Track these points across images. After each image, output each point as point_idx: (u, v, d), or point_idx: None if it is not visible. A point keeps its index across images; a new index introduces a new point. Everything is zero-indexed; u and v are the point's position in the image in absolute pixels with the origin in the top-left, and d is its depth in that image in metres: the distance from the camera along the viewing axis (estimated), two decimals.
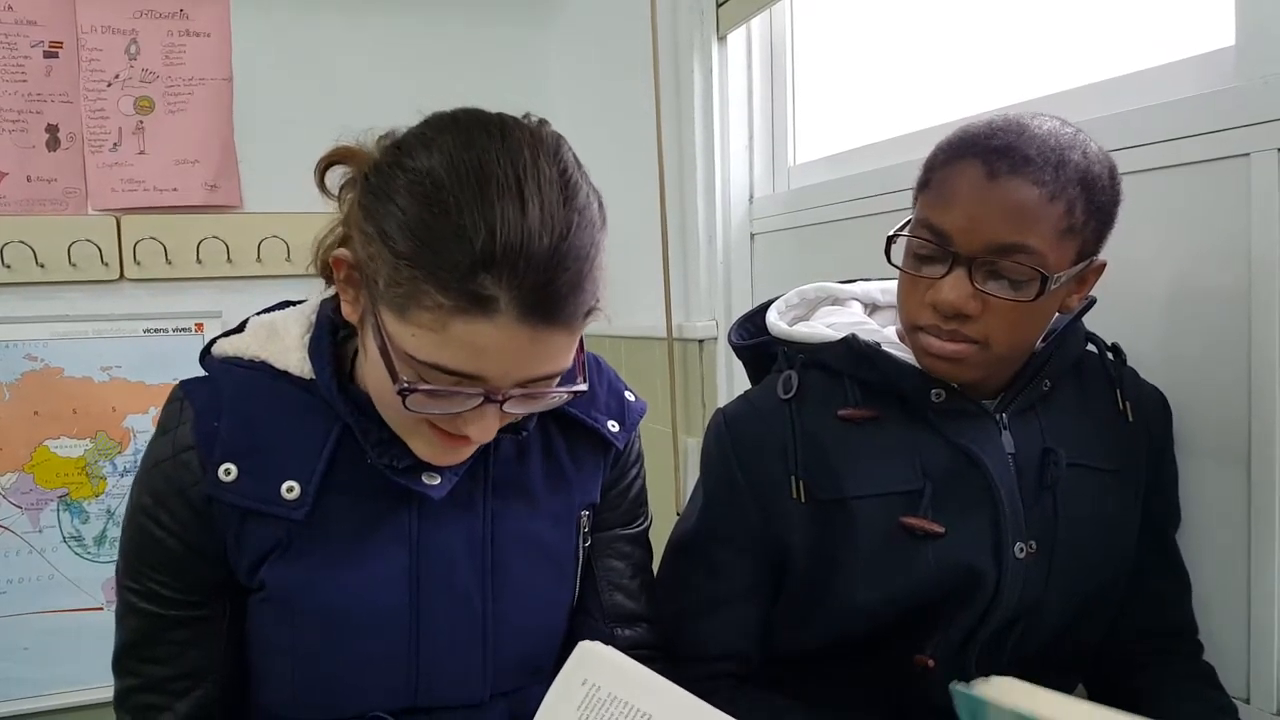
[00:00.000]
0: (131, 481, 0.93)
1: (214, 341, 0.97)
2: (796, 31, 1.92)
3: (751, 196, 1.99)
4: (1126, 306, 1.11)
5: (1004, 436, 1.00)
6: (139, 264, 2.37)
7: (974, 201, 0.90)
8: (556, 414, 0.98)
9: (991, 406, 1.01)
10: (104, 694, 0.96)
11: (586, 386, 0.87)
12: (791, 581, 1.06)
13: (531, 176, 0.75)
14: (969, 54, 1.52)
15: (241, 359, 0.93)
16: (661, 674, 0.85)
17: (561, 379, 0.84)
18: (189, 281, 2.42)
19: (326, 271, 0.92)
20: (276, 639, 0.91)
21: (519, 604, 0.96)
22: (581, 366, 0.86)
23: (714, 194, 1.99)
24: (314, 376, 0.91)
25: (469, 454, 0.89)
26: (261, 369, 0.92)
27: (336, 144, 0.87)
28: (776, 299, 1.16)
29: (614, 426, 1.02)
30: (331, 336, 0.93)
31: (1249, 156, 0.98)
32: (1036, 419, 1.02)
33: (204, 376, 0.94)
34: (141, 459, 0.92)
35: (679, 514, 1.18)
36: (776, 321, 1.12)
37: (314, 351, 0.91)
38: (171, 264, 2.39)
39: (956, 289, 0.91)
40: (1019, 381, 1.01)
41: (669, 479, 2.12)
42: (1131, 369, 1.07)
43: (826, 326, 1.08)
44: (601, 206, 0.82)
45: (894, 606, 0.99)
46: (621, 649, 0.87)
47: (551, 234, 0.74)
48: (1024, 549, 0.97)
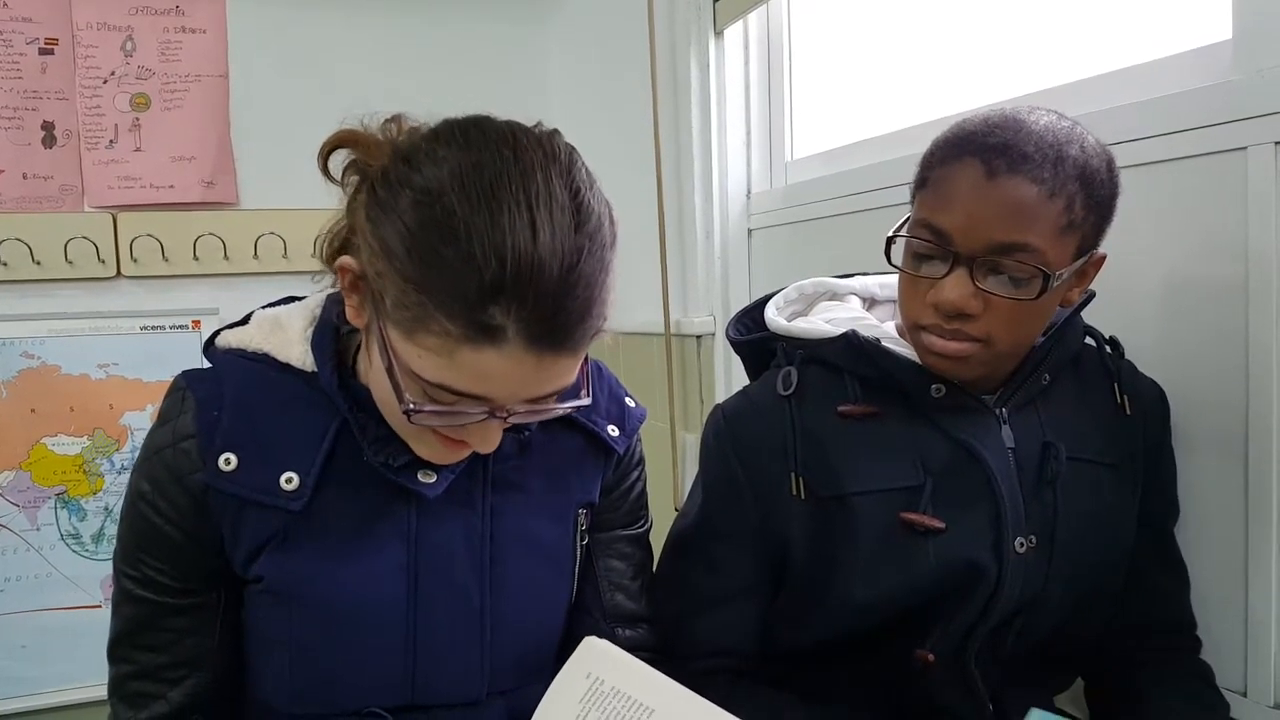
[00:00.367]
0: (130, 474, 0.93)
1: (218, 333, 0.97)
2: (793, 26, 1.92)
3: (749, 192, 1.99)
4: (1124, 300, 1.11)
5: (1004, 431, 1.00)
6: (136, 261, 2.36)
7: (973, 201, 0.90)
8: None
9: (991, 401, 1.01)
10: (102, 691, 0.95)
11: (590, 400, 0.86)
12: (791, 578, 1.06)
13: (544, 203, 0.74)
14: (966, 49, 1.52)
15: (245, 351, 0.94)
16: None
17: (565, 393, 0.83)
18: (186, 279, 2.41)
19: (331, 264, 0.92)
20: (273, 631, 0.91)
21: (517, 601, 0.96)
22: (585, 379, 0.85)
23: (711, 190, 1.99)
24: (316, 370, 0.91)
25: (468, 453, 0.89)
26: (264, 361, 0.93)
27: (341, 127, 0.86)
28: (774, 294, 1.16)
29: (614, 431, 1.02)
30: (334, 331, 0.93)
31: (1246, 150, 0.98)
32: (1036, 413, 1.02)
33: (206, 368, 0.94)
34: (141, 447, 0.92)
35: (677, 510, 1.18)
36: (775, 317, 1.12)
37: (316, 345, 0.91)
38: (168, 261, 2.39)
39: (958, 289, 0.91)
40: (1018, 376, 1.01)
41: (667, 475, 2.12)
42: (1129, 363, 1.07)
43: (825, 322, 1.08)
44: (613, 223, 0.81)
45: (894, 602, 0.99)
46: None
47: (561, 263, 0.73)
48: (1024, 544, 0.97)
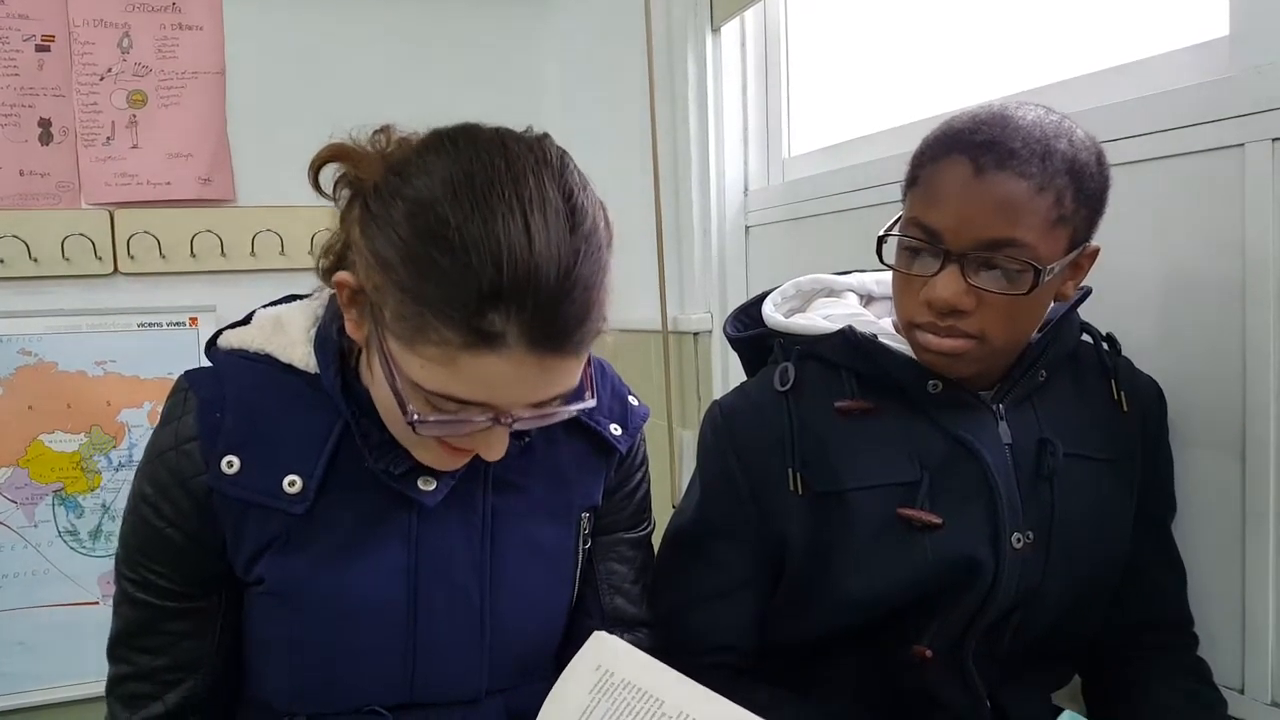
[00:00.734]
0: (130, 475, 0.93)
1: (220, 333, 0.97)
2: (791, 23, 1.92)
3: (746, 189, 1.99)
4: (1121, 297, 1.11)
5: (1001, 427, 1.00)
6: (133, 258, 2.36)
7: (962, 198, 0.90)
8: None
9: (988, 397, 1.01)
10: (99, 688, 0.95)
11: (595, 402, 0.86)
12: (789, 573, 1.06)
13: (537, 206, 0.74)
14: (963, 45, 1.52)
15: (247, 351, 0.93)
16: None
17: (570, 396, 0.83)
18: (183, 275, 2.40)
19: (329, 278, 0.91)
20: (274, 632, 0.91)
21: (516, 602, 0.96)
22: (589, 380, 0.85)
23: (708, 186, 1.99)
24: (318, 371, 0.91)
25: (469, 459, 0.89)
26: (266, 362, 0.92)
27: (330, 142, 0.86)
28: (772, 291, 1.16)
29: (616, 430, 1.02)
30: (337, 332, 0.92)
31: (1243, 147, 0.98)
32: (1033, 409, 1.02)
33: (208, 368, 0.94)
34: (145, 449, 0.92)
35: (674, 507, 1.18)
36: (772, 313, 1.12)
37: (319, 347, 0.91)
38: (165, 258, 2.38)
39: (950, 286, 0.91)
40: (1015, 372, 1.01)
41: (664, 472, 2.12)
42: (1126, 359, 1.07)
43: (823, 318, 1.08)
44: (608, 223, 0.81)
45: (891, 598, 0.99)
46: None
47: (558, 266, 0.73)
48: (1021, 539, 0.98)
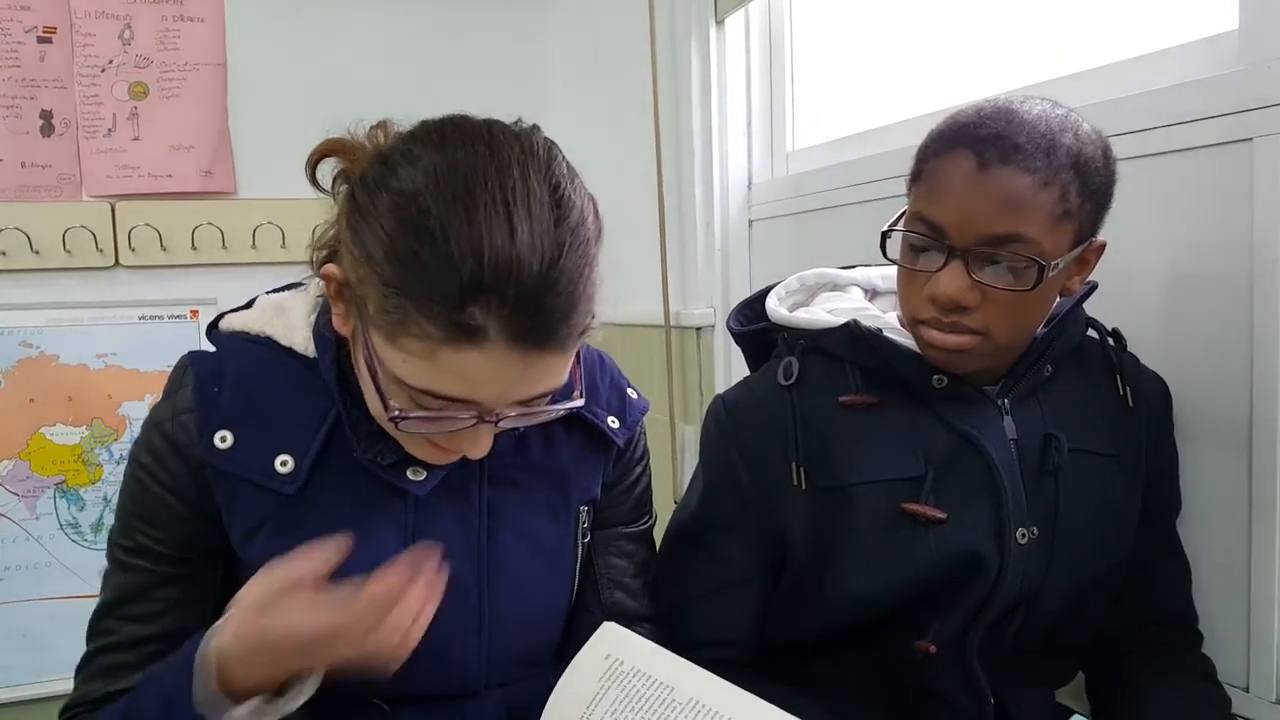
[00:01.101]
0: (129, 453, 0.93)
1: (222, 316, 0.97)
2: (795, 15, 1.91)
3: (750, 182, 1.98)
4: (1127, 292, 1.10)
5: (1006, 422, 1.00)
6: (134, 251, 2.36)
7: (966, 193, 0.89)
8: None
9: (993, 392, 1.00)
10: None
11: (583, 401, 0.85)
12: (792, 568, 1.05)
13: (521, 198, 0.72)
14: (969, 38, 1.51)
15: (248, 333, 0.94)
16: None
17: (557, 394, 0.82)
18: (184, 268, 2.40)
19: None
20: None
21: (515, 596, 0.96)
22: (578, 378, 0.84)
23: (712, 180, 1.98)
24: (317, 356, 0.91)
25: (459, 456, 0.88)
26: (267, 344, 0.93)
27: (327, 136, 0.85)
28: (775, 285, 1.16)
29: (614, 423, 1.01)
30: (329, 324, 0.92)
31: (1252, 141, 0.97)
32: (1038, 404, 1.02)
33: (211, 350, 0.95)
34: (143, 424, 0.92)
35: (676, 502, 1.18)
36: (776, 308, 1.11)
37: (318, 335, 0.91)
38: (166, 250, 2.38)
39: (954, 282, 0.91)
40: (1020, 367, 1.00)
41: (666, 467, 2.12)
42: (1132, 354, 1.07)
43: (827, 312, 1.07)
44: (597, 216, 0.80)
45: (895, 593, 0.99)
46: None
47: (542, 259, 0.72)
48: (1026, 534, 0.97)
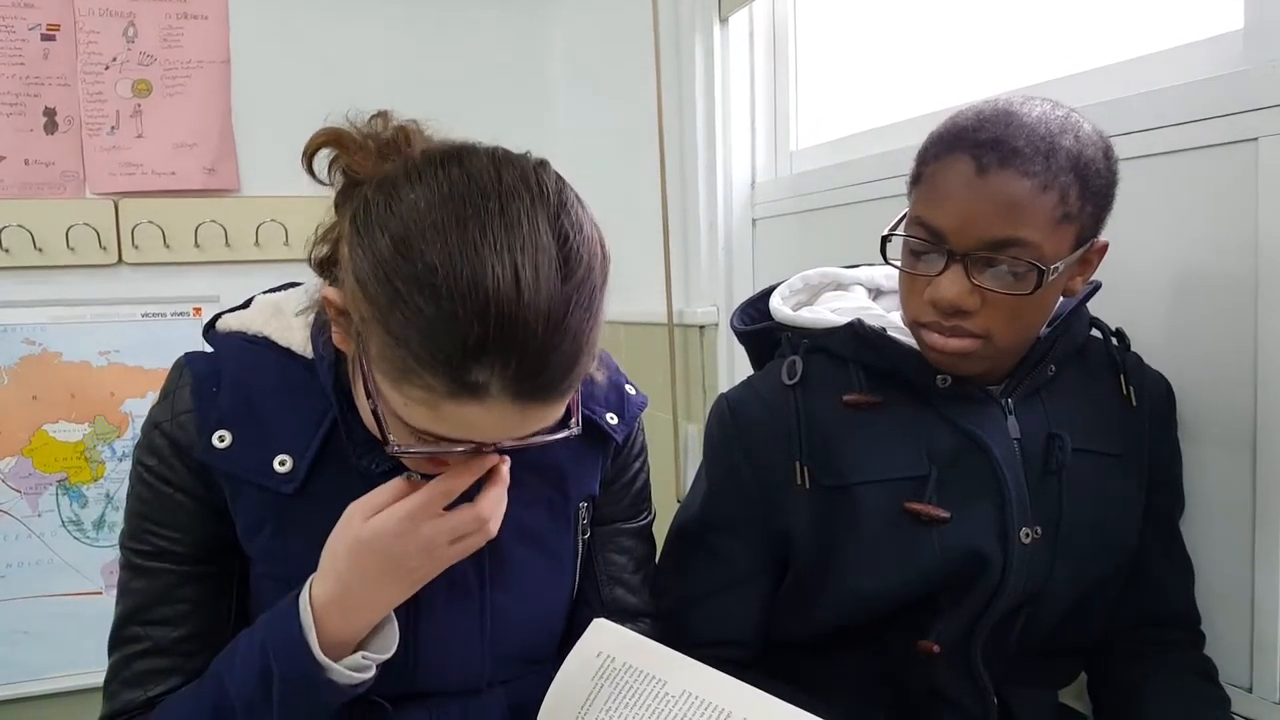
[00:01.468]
0: (132, 457, 0.93)
1: (219, 316, 0.97)
2: (799, 13, 1.90)
3: (753, 181, 1.98)
4: (1132, 293, 1.10)
5: (1009, 422, 1.00)
6: (137, 248, 2.36)
7: (965, 198, 0.89)
8: None
9: (997, 392, 1.00)
10: (103, 678, 0.95)
11: (580, 429, 0.83)
12: (795, 568, 1.05)
13: (529, 255, 0.71)
14: (974, 37, 1.51)
15: (246, 333, 0.94)
16: None
17: (555, 424, 0.80)
18: (187, 266, 2.40)
19: (321, 268, 0.90)
20: None
21: (517, 593, 0.96)
22: (575, 406, 0.83)
23: (715, 179, 1.97)
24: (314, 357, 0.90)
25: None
26: (264, 344, 0.92)
27: (325, 125, 0.84)
28: (779, 284, 1.16)
29: (612, 419, 1.01)
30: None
31: (1257, 141, 0.97)
32: (1041, 404, 1.01)
33: (207, 350, 0.94)
34: (142, 427, 0.92)
35: (679, 501, 1.18)
36: (780, 307, 1.11)
37: (315, 337, 0.91)
38: (169, 248, 2.38)
39: (954, 286, 0.91)
40: (1024, 367, 1.00)
41: (669, 466, 2.12)
42: (1135, 354, 1.07)
43: (830, 312, 1.07)
44: (605, 257, 0.78)
45: (899, 593, 0.99)
46: None
47: (547, 319, 0.70)
48: (1029, 534, 0.97)
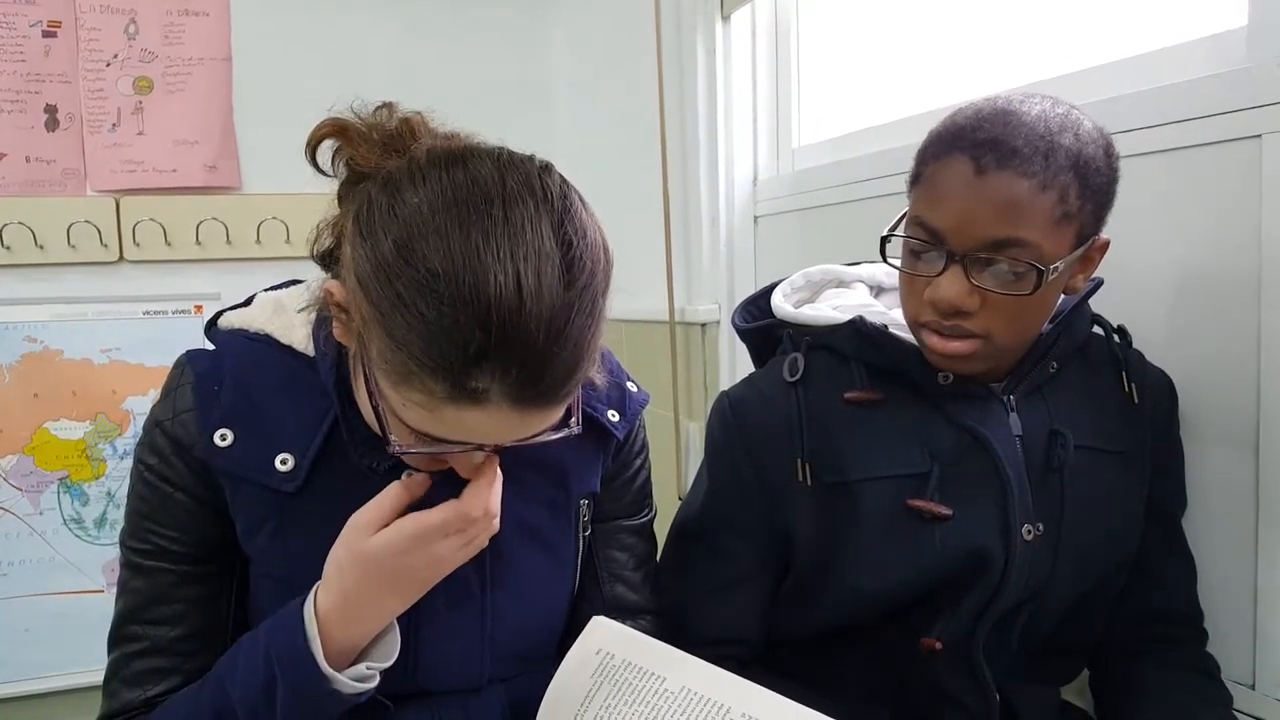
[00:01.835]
0: (133, 455, 0.92)
1: (221, 313, 0.97)
2: (801, 10, 1.90)
3: (755, 178, 1.98)
4: (1134, 290, 1.10)
5: (1011, 418, 0.99)
6: (138, 245, 2.36)
7: (964, 199, 0.89)
8: None
9: (999, 389, 1.00)
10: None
11: (581, 429, 0.83)
12: (798, 565, 1.05)
13: (531, 262, 0.70)
14: (976, 35, 1.51)
15: (247, 331, 0.93)
16: None
17: (557, 423, 0.80)
18: (188, 263, 2.41)
19: (324, 261, 0.90)
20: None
21: (517, 591, 0.96)
22: (576, 405, 0.82)
23: (717, 176, 1.97)
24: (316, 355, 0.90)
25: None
26: (266, 342, 0.92)
27: (329, 115, 0.84)
28: (780, 282, 1.16)
29: (614, 416, 1.01)
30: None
31: (1260, 138, 0.97)
32: (1043, 401, 1.01)
33: (208, 348, 0.94)
34: (143, 425, 0.91)
35: (681, 499, 1.17)
36: (782, 304, 1.11)
37: (317, 333, 0.91)
38: (171, 245, 2.38)
39: (953, 286, 0.90)
40: (1026, 364, 1.00)
41: (671, 464, 2.12)
42: (1137, 351, 1.07)
43: (832, 309, 1.07)
44: (608, 259, 0.77)
45: (901, 590, 0.99)
46: None
47: (549, 327, 0.70)
48: (1031, 531, 0.97)
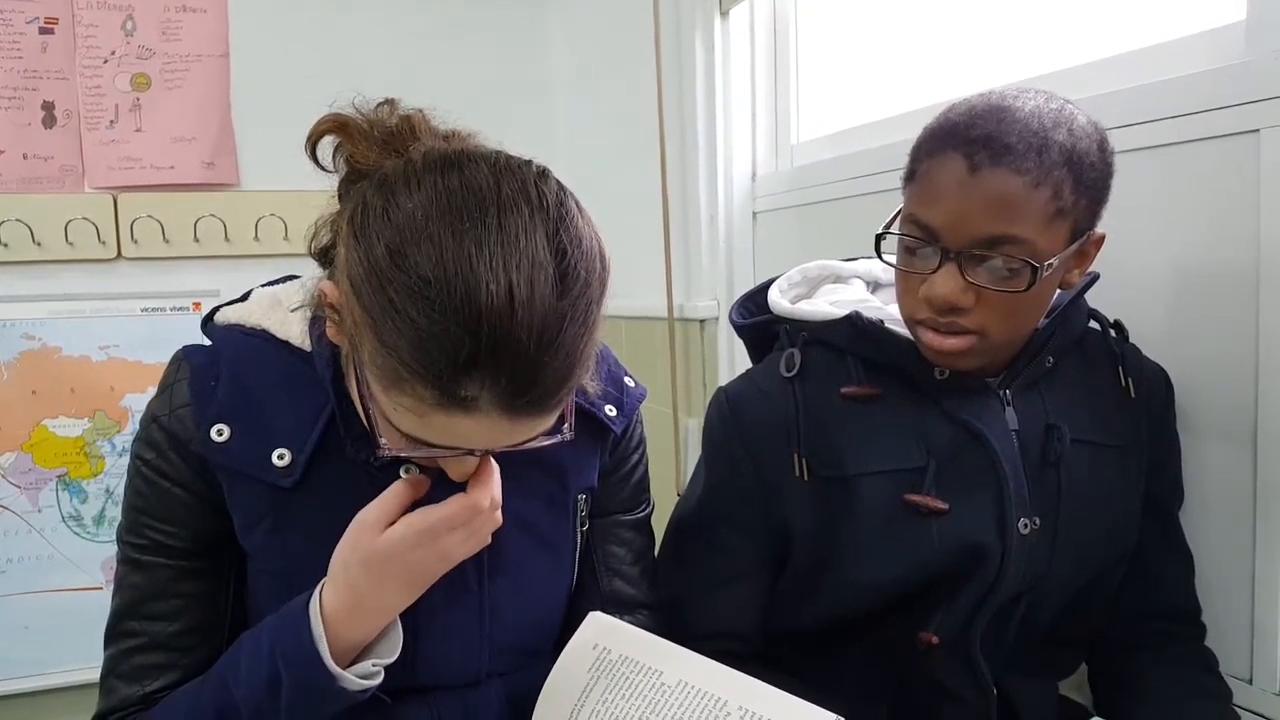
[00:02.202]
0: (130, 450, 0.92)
1: (217, 309, 0.96)
2: (799, 6, 1.90)
3: (754, 175, 1.98)
4: (1131, 285, 1.10)
5: (1008, 413, 0.99)
6: (136, 243, 2.36)
7: (957, 196, 0.89)
8: None
9: (995, 383, 1.00)
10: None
11: (573, 435, 0.83)
12: (795, 559, 1.05)
13: (524, 272, 0.70)
14: (974, 30, 1.51)
15: (243, 326, 0.93)
16: None
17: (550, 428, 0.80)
18: (186, 260, 2.41)
19: (322, 257, 0.89)
20: (271, 611, 0.90)
21: (515, 586, 0.96)
22: (569, 410, 0.82)
23: (716, 172, 1.97)
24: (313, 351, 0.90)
25: None
26: (263, 337, 0.92)
27: (330, 111, 0.84)
28: (778, 278, 1.16)
29: (611, 411, 1.01)
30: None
31: (1259, 133, 0.97)
32: (1040, 395, 1.01)
33: (205, 344, 0.94)
34: (140, 421, 0.91)
35: (679, 494, 1.18)
36: (779, 300, 1.11)
37: (314, 331, 0.90)
38: (169, 242, 2.38)
39: (948, 284, 0.90)
40: (1022, 358, 1.00)
41: (669, 460, 2.12)
42: (1134, 345, 1.07)
43: (829, 304, 1.07)
44: (604, 266, 0.77)
45: (898, 584, 0.99)
46: None
47: (540, 336, 0.70)
48: (1028, 525, 0.97)
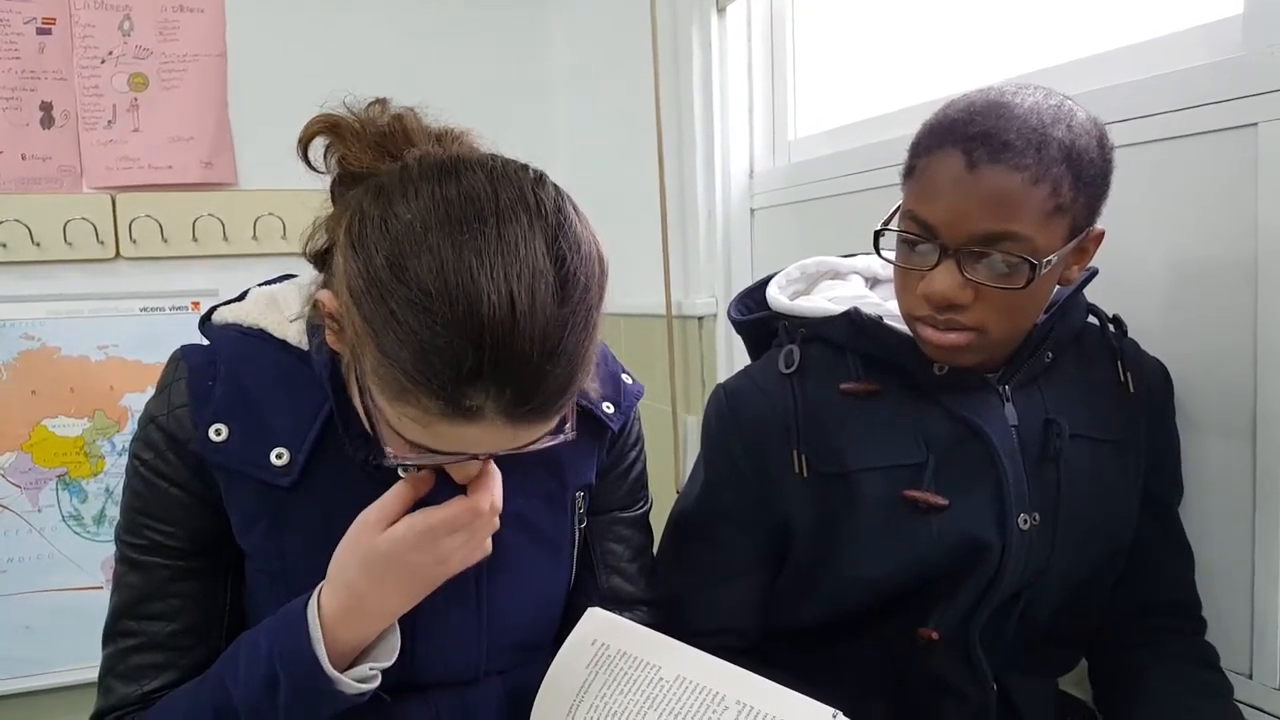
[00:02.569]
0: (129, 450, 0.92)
1: (215, 309, 0.96)
2: (796, 2, 1.90)
3: (751, 171, 1.98)
4: (1129, 279, 1.10)
5: (1007, 408, 0.99)
6: (135, 242, 2.36)
7: (956, 193, 0.88)
8: None
9: (994, 379, 1.00)
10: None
11: (574, 435, 0.83)
12: (794, 555, 1.05)
13: (525, 283, 0.70)
14: (972, 25, 1.51)
15: (240, 325, 0.93)
16: None
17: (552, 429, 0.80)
18: (185, 260, 2.40)
19: (318, 261, 0.89)
20: (269, 610, 0.90)
21: (513, 583, 0.96)
22: (570, 412, 0.81)
23: (713, 169, 1.97)
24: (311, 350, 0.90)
25: None
26: (260, 336, 0.92)
27: (321, 111, 0.84)
28: (776, 274, 1.16)
29: (609, 409, 1.01)
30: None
31: (1256, 126, 0.97)
32: (1039, 390, 1.01)
33: (202, 343, 0.94)
34: (138, 420, 0.91)
35: (678, 491, 1.18)
36: (777, 296, 1.11)
37: (312, 331, 0.90)
38: (167, 242, 2.38)
39: (946, 280, 0.90)
40: (1021, 354, 1.00)
41: (668, 457, 2.12)
42: (1132, 340, 1.07)
43: (828, 300, 1.07)
44: (603, 270, 0.76)
45: (897, 580, 0.99)
46: None
47: (542, 345, 0.70)
48: (1027, 520, 0.97)
